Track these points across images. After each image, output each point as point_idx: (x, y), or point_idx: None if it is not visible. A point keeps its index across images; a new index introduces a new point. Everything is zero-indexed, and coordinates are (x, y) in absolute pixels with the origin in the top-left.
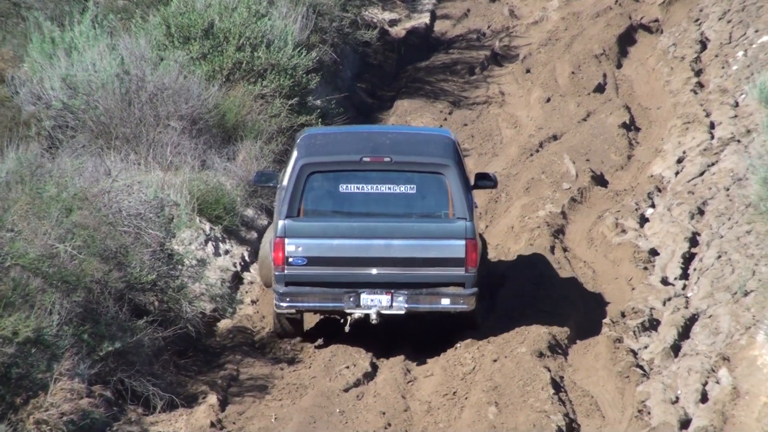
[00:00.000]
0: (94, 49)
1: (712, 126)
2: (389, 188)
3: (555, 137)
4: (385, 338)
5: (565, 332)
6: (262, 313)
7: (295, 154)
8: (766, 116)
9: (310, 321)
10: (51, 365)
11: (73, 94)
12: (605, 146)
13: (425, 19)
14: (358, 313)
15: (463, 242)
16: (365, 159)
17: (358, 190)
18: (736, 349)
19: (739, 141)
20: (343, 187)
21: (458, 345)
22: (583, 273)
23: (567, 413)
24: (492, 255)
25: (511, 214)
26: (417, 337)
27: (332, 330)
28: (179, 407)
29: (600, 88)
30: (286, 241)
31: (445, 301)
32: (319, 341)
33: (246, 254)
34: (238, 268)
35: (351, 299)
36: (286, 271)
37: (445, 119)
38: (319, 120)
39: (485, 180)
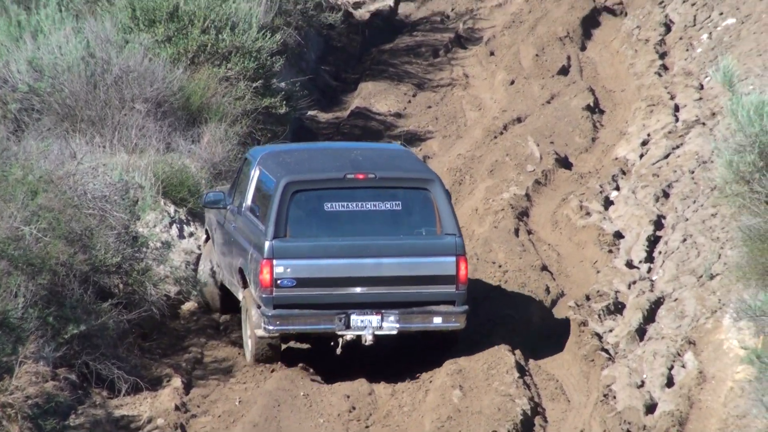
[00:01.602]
0: (60, 32)
1: (676, 109)
2: (374, 205)
3: (519, 120)
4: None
5: (529, 315)
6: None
7: (257, 172)
8: (730, 99)
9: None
10: (16, 348)
11: (39, 77)
12: (569, 129)
13: (389, 1)
14: (350, 335)
15: (453, 259)
16: (349, 176)
17: (343, 208)
18: (701, 332)
19: (704, 124)
20: (327, 206)
21: None
22: (548, 256)
23: (532, 397)
24: None
25: (476, 196)
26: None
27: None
28: (144, 390)
29: (564, 71)
30: (275, 262)
31: (437, 320)
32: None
33: None
34: (202, 249)
35: (341, 321)
36: (274, 294)
37: (409, 101)
38: (284, 102)
39: None
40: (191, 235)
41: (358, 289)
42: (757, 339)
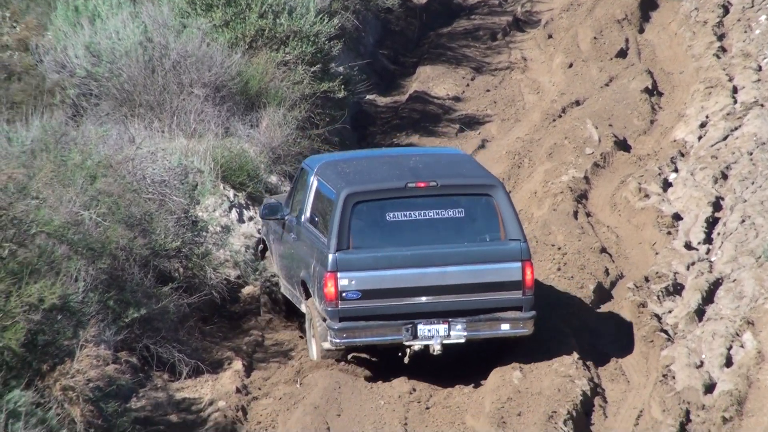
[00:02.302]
0: (118, 17)
1: (734, 90)
2: (437, 213)
3: (577, 102)
4: None
5: (588, 297)
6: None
7: (316, 183)
8: None
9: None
10: (77, 332)
11: (96, 62)
12: (628, 111)
13: None
14: (418, 345)
15: (519, 264)
16: (410, 185)
17: (405, 218)
18: (760, 313)
19: (762, 105)
20: (390, 215)
21: None
22: (607, 238)
23: (591, 377)
24: None
25: (534, 179)
26: None
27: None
28: (205, 373)
29: (622, 53)
30: (339, 275)
31: (505, 327)
32: None
33: None
34: (262, 233)
35: (408, 331)
36: (340, 306)
37: (468, 85)
38: (342, 86)
39: None
40: (251, 219)
41: (423, 299)
42: None
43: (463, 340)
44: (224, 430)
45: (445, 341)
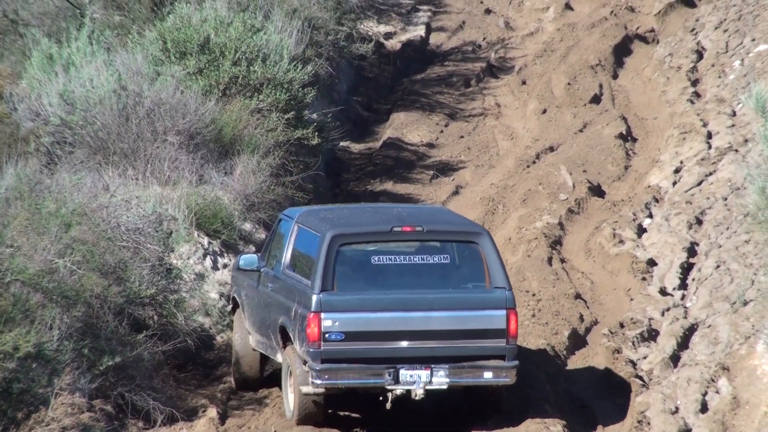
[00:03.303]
0: (92, 65)
1: (709, 136)
2: (422, 258)
3: (552, 148)
4: None
5: (563, 343)
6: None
7: (296, 230)
8: (763, 126)
9: None
10: (52, 380)
11: (71, 110)
12: (602, 157)
13: (420, 31)
14: (399, 390)
15: (504, 312)
16: (396, 229)
17: (390, 261)
18: (735, 358)
19: (736, 150)
20: (375, 259)
21: None
22: (581, 284)
23: (567, 424)
24: None
25: (508, 225)
26: None
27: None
28: (179, 421)
29: (596, 99)
30: (322, 315)
31: (488, 375)
32: None
33: None
34: None
35: (390, 375)
36: (322, 348)
37: (441, 131)
38: (316, 133)
39: None
40: (225, 266)
41: (406, 344)
42: None
43: (445, 387)
44: None
45: (428, 387)
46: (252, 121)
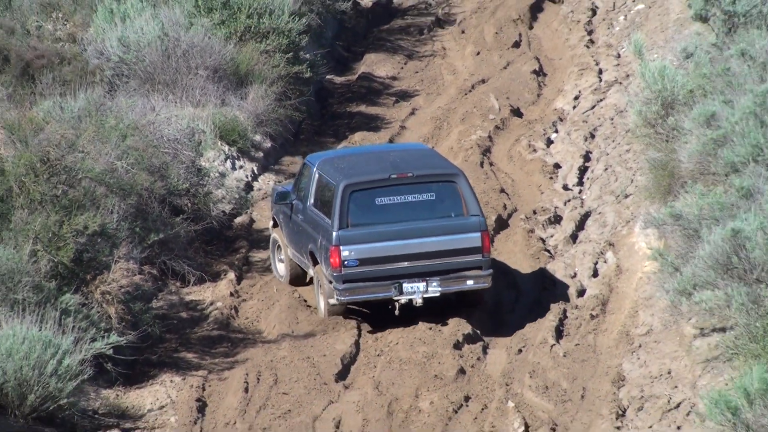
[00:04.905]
0: (142, 17)
1: (600, 72)
2: (414, 197)
3: (483, 81)
4: None
5: (491, 225)
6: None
7: (318, 175)
8: (640, 65)
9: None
10: (112, 251)
11: (126, 50)
12: (521, 87)
13: None
14: (404, 300)
15: (479, 234)
16: (393, 176)
17: (390, 201)
18: (618, 237)
19: (620, 83)
20: (378, 200)
21: None
22: (505, 181)
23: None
24: None
25: (451, 138)
26: None
27: None
28: (207, 282)
29: (517, 44)
30: (341, 248)
31: (470, 282)
32: None
33: (255, 168)
34: (249, 178)
35: (395, 289)
36: (343, 272)
37: (402, 68)
38: (308, 69)
39: None
40: (240, 167)
41: (406, 264)
42: (660, 242)
43: (438, 294)
44: (221, 324)
45: (425, 295)
46: (261, 60)
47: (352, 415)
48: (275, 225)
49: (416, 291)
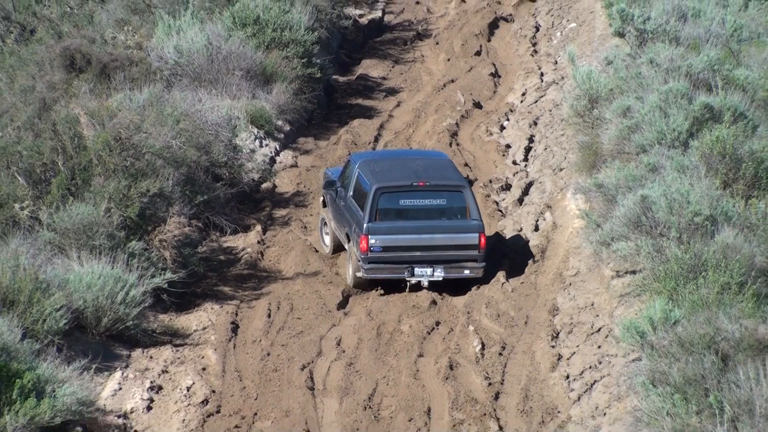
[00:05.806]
0: (192, 30)
1: (542, 75)
2: (429, 201)
3: (452, 81)
4: None
5: None
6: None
7: (358, 173)
8: (572, 69)
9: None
10: (168, 208)
11: (180, 56)
12: (481, 86)
13: (379, 13)
14: (414, 280)
15: (477, 234)
16: (414, 183)
17: (410, 204)
18: (554, 201)
19: (557, 83)
20: (401, 202)
21: None
22: (468, 158)
23: None
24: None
25: (427, 124)
26: None
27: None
28: (239, 232)
29: (478, 53)
30: (369, 236)
31: (467, 271)
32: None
33: (277, 146)
34: (273, 154)
35: (408, 271)
36: (369, 255)
37: (390, 70)
38: (319, 71)
39: None
40: (266, 146)
41: (418, 253)
42: (586, 204)
43: (441, 279)
44: (250, 265)
45: (430, 279)
46: (283, 63)
47: (350, 335)
48: (324, 205)
49: (424, 275)
